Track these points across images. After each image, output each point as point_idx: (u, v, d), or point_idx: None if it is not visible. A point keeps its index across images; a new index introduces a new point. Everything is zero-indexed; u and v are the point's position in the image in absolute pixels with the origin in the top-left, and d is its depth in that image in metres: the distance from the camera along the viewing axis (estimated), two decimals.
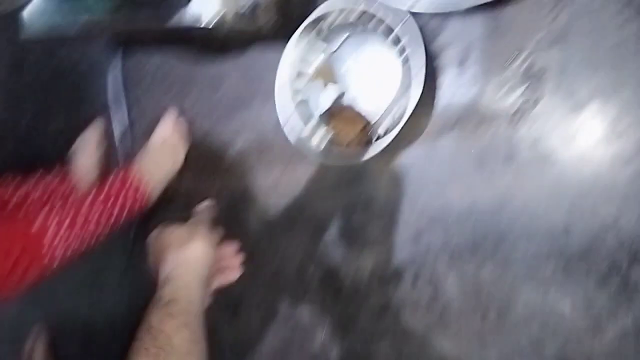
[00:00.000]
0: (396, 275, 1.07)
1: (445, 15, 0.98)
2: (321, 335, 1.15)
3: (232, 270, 0.99)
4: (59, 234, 0.92)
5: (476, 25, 0.96)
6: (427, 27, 0.99)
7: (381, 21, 0.97)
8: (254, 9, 0.97)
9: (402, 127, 0.94)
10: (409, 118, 0.94)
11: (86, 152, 1.21)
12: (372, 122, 1.03)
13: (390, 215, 1.06)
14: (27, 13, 1.05)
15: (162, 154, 1.14)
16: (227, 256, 0.99)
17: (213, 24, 0.93)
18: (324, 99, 1.04)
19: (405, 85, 0.98)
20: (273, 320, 1.19)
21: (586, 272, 0.93)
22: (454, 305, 1.03)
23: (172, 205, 1.23)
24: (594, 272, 0.93)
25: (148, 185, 1.07)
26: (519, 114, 0.94)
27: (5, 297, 0.88)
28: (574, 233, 0.93)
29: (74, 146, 1.23)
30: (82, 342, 1.37)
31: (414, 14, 0.97)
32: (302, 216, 1.13)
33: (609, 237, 0.91)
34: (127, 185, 1.04)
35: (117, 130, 1.28)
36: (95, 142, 1.23)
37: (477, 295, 1.01)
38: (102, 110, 1.29)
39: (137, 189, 1.05)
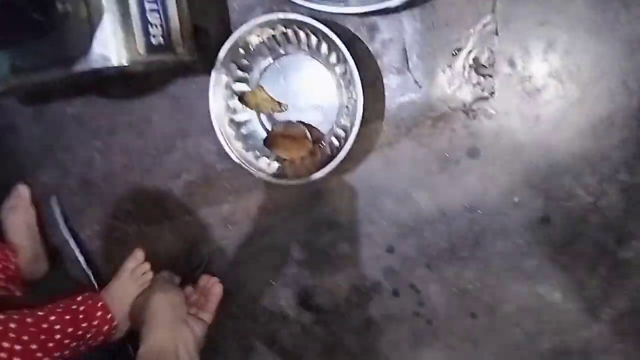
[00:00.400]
0: (375, 290, 1.01)
1: (380, 15, 0.89)
2: None
3: (206, 304, 1.01)
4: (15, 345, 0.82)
5: (412, 21, 0.88)
6: (362, 29, 0.90)
7: (301, 36, 0.89)
8: (167, 38, 0.86)
9: (356, 138, 0.86)
10: (360, 126, 0.86)
11: (15, 222, 1.10)
12: (322, 136, 0.95)
13: (358, 229, 0.99)
14: None
15: (128, 289, 1.03)
16: (191, 295, 1.02)
17: (125, 62, 0.82)
18: (260, 127, 0.97)
19: (346, 93, 0.90)
20: (255, 352, 1.12)
21: (573, 259, 0.89)
22: (440, 311, 0.98)
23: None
24: (581, 258, 0.89)
25: (116, 317, 0.98)
26: (475, 108, 0.88)
27: None
28: (554, 221, 0.88)
29: (1, 217, 1.12)
30: None
31: (344, 16, 0.89)
32: (265, 244, 1.05)
33: (591, 219, 0.87)
34: (97, 312, 0.95)
35: (42, 190, 1.16)
36: (20, 212, 1.11)
37: (463, 297, 0.96)
38: (24, 172, 1.17)
39: (105, 319, 0.96)
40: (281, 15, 0.86)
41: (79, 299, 0.95)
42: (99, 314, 0.95)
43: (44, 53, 0.86)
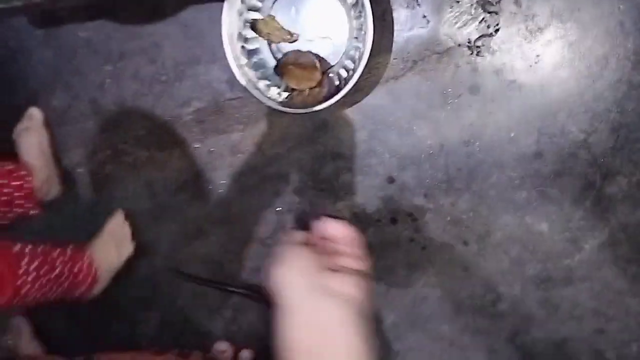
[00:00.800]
0: (374, 217, 1.07)
1: None
2: None
3: None
4: (31, 266, 0.93)
5: None
6: None
7: None
8: None
9: (363, 70, 0.90)
10: (368, 59, 0.89)
11: (29, 143, 1.14)
12: (331, 67, 0.98)
13: (361, 160, 1.04)
14: None
15: (111, 246, 1.14)
16: None
17: None
18: (271, 56, 1.00)
19: (356, 25, 0.93)
20: (256, 273, 1.19)
21: (561, 192, 0.95)
22: (435, 239, 1.05)
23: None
24: (569, 191, 0.94)
25: (99, 269, 1.09)
26: (479, 44, 0.91)
27: None
28: (546, 156, 0.93)
29: (14, 137, 1.16)
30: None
31: None
32: (270, 172, 1.10)
33: (580, 155, 0.92)
34: (83, 260, 1.06)
35: (55, 116, 1.19)
36: (33, 133, 1.15)
37: (456, 226, 1.02)
38: (35, 95, 1.20)
39: (90, 267, 1.07)
40: None
41: (71, 247, 1.05)
42: (85, 266, 1.06)
43: None
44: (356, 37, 0.94)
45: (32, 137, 1.16)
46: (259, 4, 0.98)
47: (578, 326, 1.00)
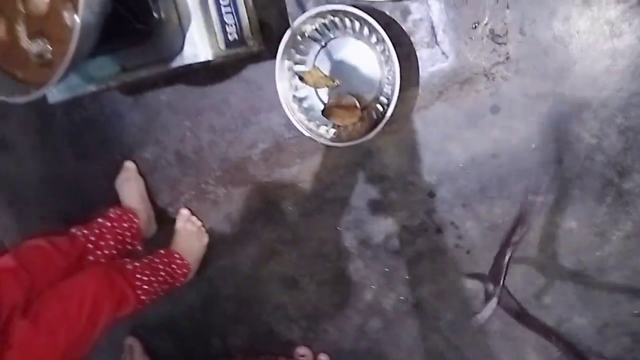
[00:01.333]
0: (422, 228, 1.22)
1: (410, 0, 1.07)
2: (372, 289, 1.32)
3: None
4: (143, 276, 1.19)
5: (437, 3, 1.06)
6: (396, 12, 1.09)
7: (347, 22, 1.09)
8: (240, 34, 1.08)
9: (396, 104, 1.06)
10: (399, 94, 1.05)
11: (130, 191, 1.38)
12: (368, 104, 1.15)
13: (403, 180, 1.19)
14: None
15: (189, 239, 1.39)
16: None
17: (210, 57, 1.04)
18: (317, 101, 1.19)
19: (386, 67, 1.09)
20: (327, 285, 1.36)
21: (584, 192, 1.06)
22: (477, 243, 1.18)
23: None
24: (591, 191, 1.06)
25: (188, 260, 1.34)
26: (494, 71, 1.05)
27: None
28: (566, 161, 1.05)
29: (117, 187, 1.41)
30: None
31: (381, 3, 1.08)
32: (328, 197, 1.27)
33: (596, 158, 1.04)
34: (174, 257, 1.32)
35: (147, 166, 1.45)
36: (133, 182, 1.40)
37: (494, 230, 1.15)
38: (129, 151, 1.46)
39: (181, 260, 1.32)
40: (329, 7, 1.06)
41: (162, 251, 1.31)
42: (178, 261, 1.31)
43: (146, 54, 1.07)
44: (387, 77, 1.10)
45: (131, 185, 1.40)
46: (305, 58, 1.17)
47: (616, 311, 1.10)
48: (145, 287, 1.16)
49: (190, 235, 1.38)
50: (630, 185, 1.02)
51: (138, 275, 1.17)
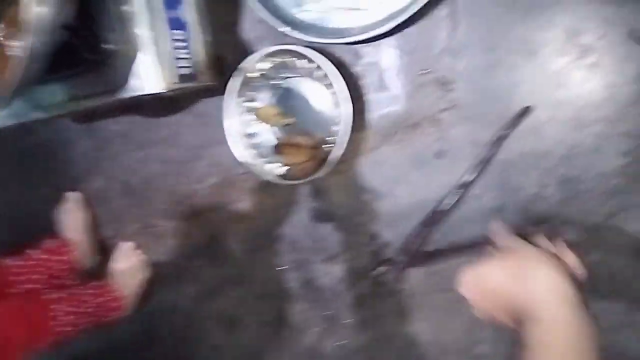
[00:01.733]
0: (365, 272, 1.21)
1: (362, 44, 1.10)
2: (313, 332, 1.29)
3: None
4: (61, 307, 1.14)
5: (388, 48, 1.09)
6: (348, 55, 1.12)
7: (302, 62, 1.10)
8: (193, 69, 1.09)
9: (347, 144, 1.06)
10: (350, 135, 1.06)
11: (72, 221, 1.35)
12: (319, 143, 1.15)
13: (349, 221, 1.20)
14: None
15: (127, 274, 1.34)
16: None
17: (162, 89, 1.04)
18: (268, 138, 1.19)
19: (338, 108, 1.10)
20: (268, 326, 1.33)
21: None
22: (419, 289, 1.18)
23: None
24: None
25: (124, 295, 1.30)
26: (441, 116, 1.08)
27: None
28: (506, 209, 1.07)
29: (56, 219, 1.37)
30: None
31: (334, 45, 1.10)
32: (274, 235, 1.26)
33: (537, 207, 1.05)
34: (107, 292, 1.27)
35: (95, 196, 1.41)
36: (75, 213, 1.37)
37: (439, 276, 1.15)
38: (77, 180, 1.43)
39: (115, 296, 1.28)
40: (282, 47, 1.08)
41: (94, 283, 1.28)
42: (110, 294, 1.27)
43: (96, 83, 1.07)
44: (339, 119, 1.12)
45: (73, 216, 1.37)
46: (257, 95, 1.17)
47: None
48: (63, 318, 1.12)
49: (129, 268, 1.33)
50: (571, 237, 1.04)
51: (54, 306, 1.13)
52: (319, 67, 1.09)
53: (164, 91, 1.02)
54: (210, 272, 1.34)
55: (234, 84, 1.12)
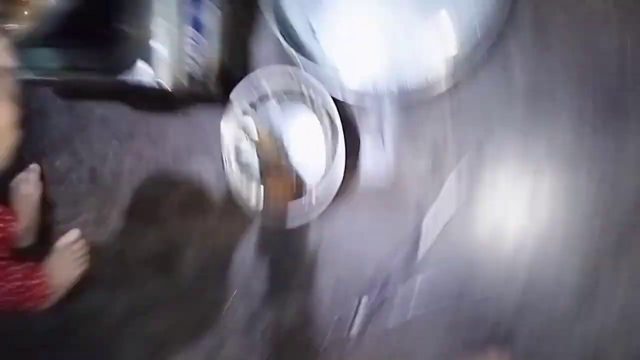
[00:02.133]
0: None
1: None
2: None
3: None
4: None
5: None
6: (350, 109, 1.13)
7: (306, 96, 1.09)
8: (203, 74, 1.05)
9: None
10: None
11: (24, 193, 1.26)
12: (304, 187, 1.12)
13: (310, 278, 1.17)
14: None
15: (64, 263, 1.22)
16: None
17: (170, 86, 0.99)
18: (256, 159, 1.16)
19: (331, 161, 1.08)
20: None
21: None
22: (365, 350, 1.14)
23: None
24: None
25: (52, 285, 1.16)
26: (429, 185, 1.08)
27: None
28: (467, 298, 1.06)
29: (12, 185, 1.28)
30: None
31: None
32: (233, 259, 1.21)
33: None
34: (38, 277, 1.13)
35: (55, 175, 1.34)
36: (30, 186, 1.28)
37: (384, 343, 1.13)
38: (41, 154, 1.34)
39: (43, 284, 1.13)
40: (289, 70, 1.06)
41: (31, 264, 1.13)
42: (40, 280, 1.12)
43: (96, 59, 1.01)
44: (329, 172, 1.08)
45: (28, 188, 1.28)
46: (253, 110, 1.14)
47: None
48: None
49: (69, 258, 1.24)
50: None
51: None
52: (322, 107, 1.07)
53: (167, 85, 0.98)
54: (151, 284, 1.25)
55: (237, 95, 1.09)
